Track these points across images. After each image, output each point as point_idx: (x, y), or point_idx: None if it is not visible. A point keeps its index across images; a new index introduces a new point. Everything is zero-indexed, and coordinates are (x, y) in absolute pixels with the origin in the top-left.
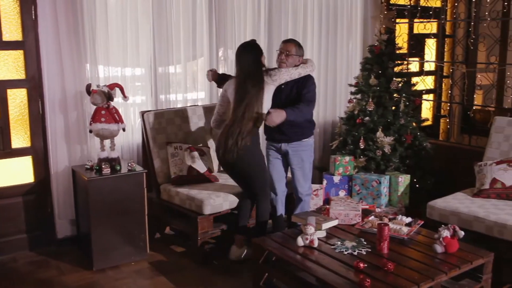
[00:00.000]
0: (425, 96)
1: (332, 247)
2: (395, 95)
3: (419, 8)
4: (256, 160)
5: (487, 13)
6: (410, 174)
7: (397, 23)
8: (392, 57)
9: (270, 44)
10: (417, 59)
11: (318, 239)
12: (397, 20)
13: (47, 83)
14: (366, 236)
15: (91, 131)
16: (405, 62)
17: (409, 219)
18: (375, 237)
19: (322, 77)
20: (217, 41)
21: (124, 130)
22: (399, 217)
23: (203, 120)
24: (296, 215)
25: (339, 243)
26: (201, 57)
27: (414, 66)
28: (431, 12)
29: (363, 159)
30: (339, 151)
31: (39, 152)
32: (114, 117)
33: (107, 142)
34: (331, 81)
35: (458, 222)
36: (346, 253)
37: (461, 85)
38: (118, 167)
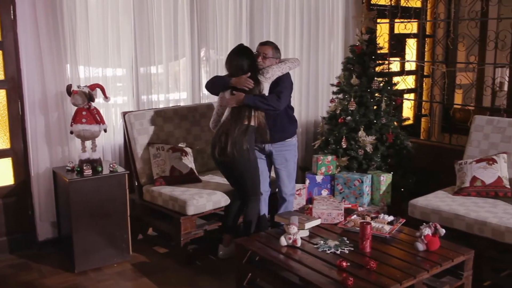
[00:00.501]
0: (406, 96)
1: (315, 246)
2: (376, 94)
3: (400, 8)
4: (251, 162)
5: (466, 13)
6: (392, 173)
7: (378, 23)
8: (373, 57)
9: (252, 44)
10: (398, 59)
11: (301, 238)
12: (378, 20)
13: (26, 83)
14: (349, 235)
15: (72, 132)
16: (386, 62)
17: (391, 218)
18: (357, 236)
19: (304, 77)
20: (199, 41)
21: (105, 131)
22: (381, 215)
23: (186, 121)
24: (279, 214)
25: (322, 242)
26: (183, 58)
27: (395, 66)
28: (411, 12)
29: (345, 158)
30: (321, 150)
31: (19, 153)
32: (96, 118)
33: (88, 143)
34: (313, 81)
35: (439, 220)
36: (329, 252)
37: (441, 84)
38: (100, 169)
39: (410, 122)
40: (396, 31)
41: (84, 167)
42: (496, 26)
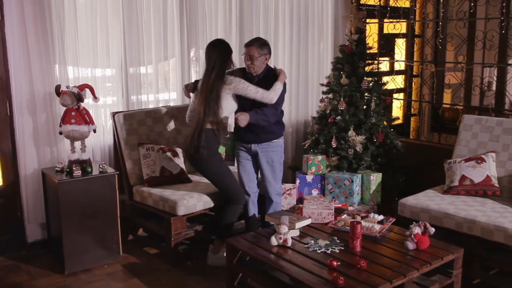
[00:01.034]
0: (395, 95)
1: (306, 246)
2: (366, 94)
3: (389, 9)
4: (212, 167)
5: (454, 13)
6: (381, 172)
7: (368, 23)
8: (362, 56)
9: (241, 44)
10: (387, 58)
11: (292, 238)
12: (367, 20)
13: (14, 84)
14: (339, 234)
15: (61, 132)
16: (376, 62)
17: (381, 217)
18: (348, 235)
19: (294, 77)
20: (188, 41)
21: (95, 131)
22: (371, 215)
23: (176, 121)
24: (269, 214)
25: (312, 242)
26: (172, 58)
27: (385, 66)
28: (400, 13)
29: (335, 158)
30: (311, 150)
31: (7, 154)
32: (85, 118)
33: (77, 144)
34: (303, 81)
35: (429, 219)
36: (319, 251)
37: (430, 84)
38: (89, 169)
39: (400, 121)
40: (385, 31)
41: (74, 168)
42: (484, 26)
